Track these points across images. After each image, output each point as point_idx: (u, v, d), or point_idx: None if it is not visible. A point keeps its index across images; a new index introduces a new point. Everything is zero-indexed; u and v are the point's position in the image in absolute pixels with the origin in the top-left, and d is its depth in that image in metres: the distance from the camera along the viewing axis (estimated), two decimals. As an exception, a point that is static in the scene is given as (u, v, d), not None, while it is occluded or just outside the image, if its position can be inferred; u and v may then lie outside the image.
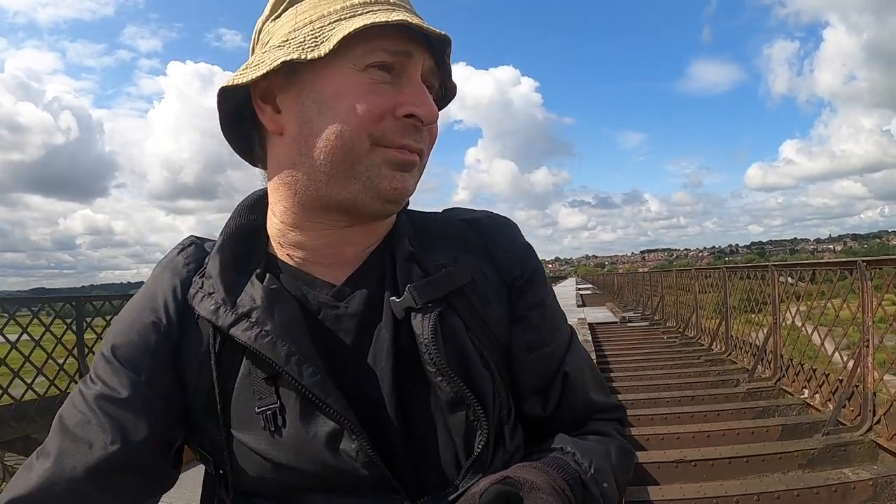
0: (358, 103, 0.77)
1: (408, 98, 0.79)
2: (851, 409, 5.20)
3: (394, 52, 0.79)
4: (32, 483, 0.76)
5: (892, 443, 4.55)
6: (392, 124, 0.79)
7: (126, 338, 0.84)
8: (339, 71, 0.79)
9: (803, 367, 6.46)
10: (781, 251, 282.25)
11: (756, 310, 8.21)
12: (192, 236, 0.95)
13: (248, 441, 0.80)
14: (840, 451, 4.64)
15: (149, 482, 0.83)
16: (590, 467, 0.81)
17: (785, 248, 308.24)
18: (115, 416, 0.79)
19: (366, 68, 0.78)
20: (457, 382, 0.79)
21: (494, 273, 0.92)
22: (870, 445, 4.69)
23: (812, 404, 6.00)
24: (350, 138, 0.78)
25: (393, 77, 0.80)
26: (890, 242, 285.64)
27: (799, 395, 6.28)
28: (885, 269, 5.07)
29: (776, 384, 6.78)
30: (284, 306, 0.82)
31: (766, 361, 7.31)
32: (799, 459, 4.55)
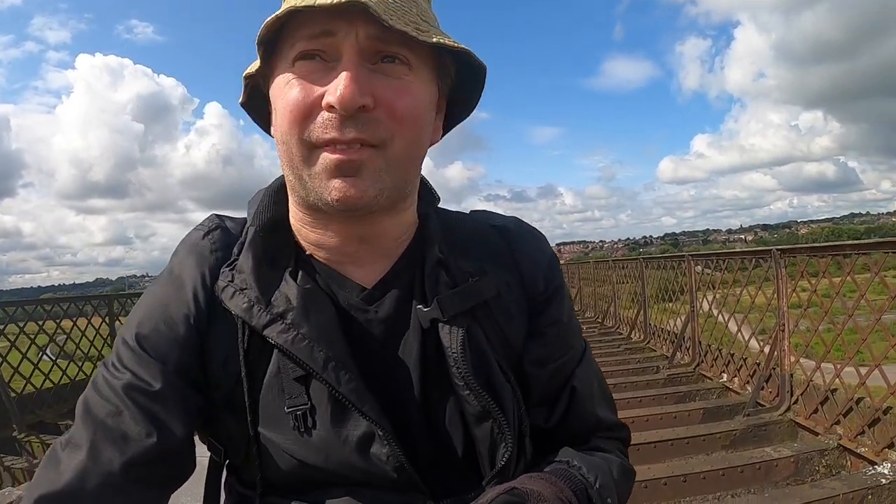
0: (285, 100, 0.75)
1: (331, 85, 0.72)
2: (770, 391, 5.34)
3: (314, 35, 0.73)
4: (66, 477, 0.71)
5: (809, 421, 4.67)
6: (321, 117, 0.73)
7: (153, 327, 0.81)
8: (277, 70, 0.78)
9: (721, 352, 6.63)
10: (695, 242, 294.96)
11: (672, 299, 8.44)
12: (215, 215, 0.92)
13: (274, 438, 0.81)
14: (761, 431, 4.73)
15: (176, 473, 0.80)
16: (595, 481, 0.81)
17: (698, 239, 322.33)
18: (148, 408, 0.76)
19: (293, 62, 0.75)
20: (484, 397, 0.80)
21: (519, 286, 0.91)
22: (789, 424, 4.81)
23: (731, 388, 6.14)
24: (287, 143, 0.76)
25: (328, 63, 0.74)
26: (799, 232, 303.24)
27: (718, 380, 6.43)
28: (799, 257, 5.25)
29: (695, 369, 6.93)
30: (320, 308, 0.81)
31: (685, 348, 7.48)
32: (722, 441, 4.63)
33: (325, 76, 0.73)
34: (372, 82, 0.73)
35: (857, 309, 4.46)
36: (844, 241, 4.74)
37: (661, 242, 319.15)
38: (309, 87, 0.73)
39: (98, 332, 8.13)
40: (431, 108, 0.82)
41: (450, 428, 0.83)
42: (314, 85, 0.73)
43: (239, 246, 0.85)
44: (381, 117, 0.73)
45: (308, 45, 0.73)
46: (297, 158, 0.75)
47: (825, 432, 4.45)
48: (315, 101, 0.73)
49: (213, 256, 0.85)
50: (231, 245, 0.86)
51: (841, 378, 4.52)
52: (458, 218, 0.96)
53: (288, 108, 0.74)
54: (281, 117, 0.76)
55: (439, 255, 0.86)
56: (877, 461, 3.83)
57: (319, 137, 0.73)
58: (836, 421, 4.41)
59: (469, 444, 0.83)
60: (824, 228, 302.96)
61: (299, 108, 0.73)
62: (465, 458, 0.84)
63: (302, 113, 0.73)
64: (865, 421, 4.08)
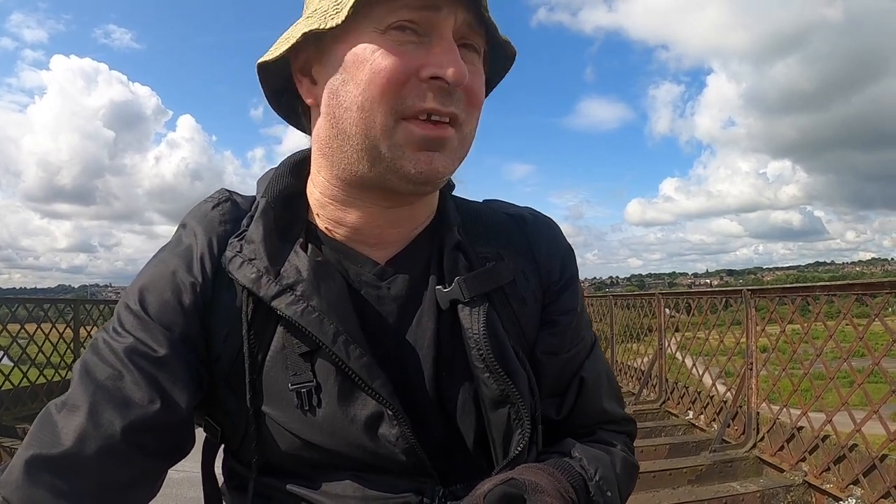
0: (376, 68, 0.72)
1: (434, 58, 0.72)
2: (736, 429, 5.41)
3: (417, 6, 0.72)
4: (64, 439, 0.68)
5: (775, 458, 4.75)
6: (416, 88, 0.72)
7: (158, 294, 0.78)
8: (360, 36, 0.74)
9: (688, 389, 6.70)
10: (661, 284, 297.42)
11: (637, 338, 8.50)
12: (225, 190, 0.90)
13: (276, 417, 0.78)
14: (727, 467, 4.77)
15: (177, 445, 0.77)
16: (595, 474, 0.79)
17: (664, 281, 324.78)
18: (151, 374, 0.73)
19: (386, 29, 0.73)
20: (505, 381, 0.78)
21: (535, 275, 0.91)
22: (754, 461, 4.87)
23: (697, 425, 6.22)
24: (371, 111, 0.73)
25: (420, 37, 0.73)
26: (764, 278, 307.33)
27: (684, 417, 6.50)
28: (768, 298, 5.35)
29: (661, 406, 7.00)
30: (331, 281, 0.79)
31: (651, 385, 7.54)
32: (688, 475, 4.66)
33: (418, 49, 0.72)
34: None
35: (822, 353, 4.57)
36: (815, 283, 4.84)
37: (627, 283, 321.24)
38: (406, 56, 0.72)
39: (62, 336, 7.95)
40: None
41: (461, 412, 0.81)
42: (410, 55, 0.72)
43: (249, 218, 0.83)
44: (464, 98, 0.75)
45: (411, 15, 0.72)
46: (378, 128, 0.73)
47: (791, 469, 4.53)
48: (412, 72, 0.72)
49: (223, 227, 0.83)
50: (240, 218, 0.84)
51: (808, 417, 4.61)
52: (473, 205, 0.96)
53: (382, 74, 0.71)
54: (365, 84, 0.73)
55: (458, 237, 0.86)
56: (841, 497, 3.93)
57: (417, 106, 0.72)
58: (802, 458, 4.49)
59: (480, 430, 0.82)
60: (789, 275, 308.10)
61: (396, 76, 0.71)
62: (475, 445, 0.82)
63: (399, 81, 0.72)
64: (831, 458, 4.16)
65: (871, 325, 4.06)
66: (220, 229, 0.83)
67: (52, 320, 7.87)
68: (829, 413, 4.33)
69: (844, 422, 4.15)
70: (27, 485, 0.66)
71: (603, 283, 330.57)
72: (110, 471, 0.69)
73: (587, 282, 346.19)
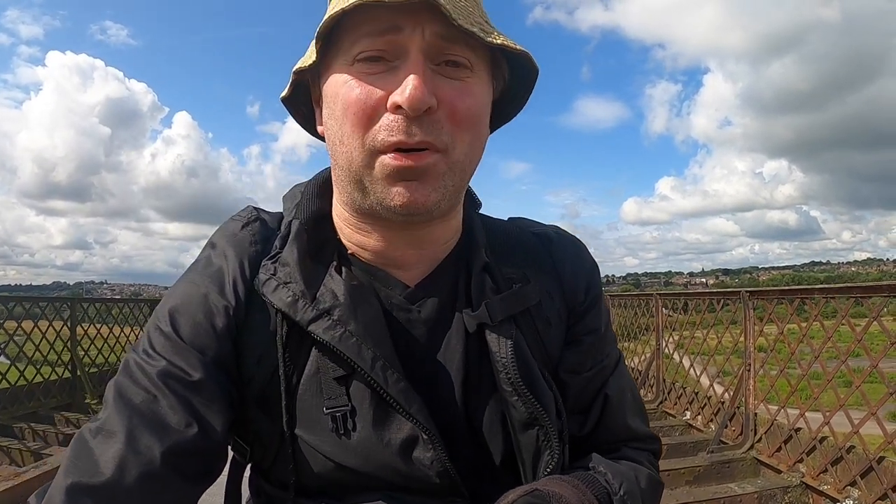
0: (346, 102, 0.72)
1: (398, 85, 0.70)
2: (733, 429, 5.41)
3: (378, 32, 0.71)
4: (104, 468, 0.67)
5: (773, 459, 4.75)
6: (386, 120, 0.71)
7: (190, 317, 0.78)
8: (333, 70, 0.75)
9: (685, 390, 6.71)
10: (656, 283, 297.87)
11: (632, 338, 8.51)
12: (252, 207, 0.91)
13: (309, 440, 0.79)
14: (724, 468, 4.78)
15: (211, 468, 0.77)
16: (620, 488, 0.80)
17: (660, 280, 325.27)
18: (186, 397, 0.73)
19: (353, 61, 0.73)
20: (533, 404, 0.79)
21: (559, 295, 0.91)
22: (752, 462, 4.88)
23: (694, 425, 6.22)
24: (350, 145, 0.73)
25: (389, 63, 0.72)
26: (760, 278, 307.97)
27: (681, 417, 6.51)
28: (766, 299, 5.36)
29: (659, 407, 7.00)
30: (367, 305, 0.79)
31: (649, 385, 7.55)
32: (686, 476, 4.66)
33: (387, 76, 0.71)
34: (436, 83, 0.71)
35: (821, 353, 4.58)
36: (813, 286, 4.85)
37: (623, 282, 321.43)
38: (371, 87, 0.71)
39: (59, 335, 7.88)
40: (488, 109, 0.80)
41: (490, 433, 0.82)
42: (376, 85, 0.71)
43: (281, 240, 0.83)
44: (443, 120, 0.72)
45: (372, 44, 0.71)
46: (357, 163, 0.73)
47: (788, 470, 4.53)
48: (379, 103, 0.71)
49: (253, 248, 0.83)
50: (269, 238, 0.85)
51: (805, 418, 4.63)
52: (499, 224, 0.96)
53: (350, 109, 0.72)
54: (340, 119, 0.73)
55: (486, 259, 0.86)
56: (839, 498, 3.94)
57: (385, 140, 0.71)
58: (799, 459, 4.50)
59: (509, 450, 0.82)
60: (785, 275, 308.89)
61: (363, 110, 0.71)
62: (504, 464, 0.83)
63: (366, 114, 0.71)
64: (828, 459, 4.16)
65: (869, 326, 4.06)
66: (250, 250, 0.83)
67: (50, 318, 7.82)
68: (826, 414, 4.34)
69: (842, 422, 4.16)
70: None
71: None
72: (150, 497, 0.68)
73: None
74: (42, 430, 6.23)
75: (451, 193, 0.77)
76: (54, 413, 6.96)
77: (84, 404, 7.59)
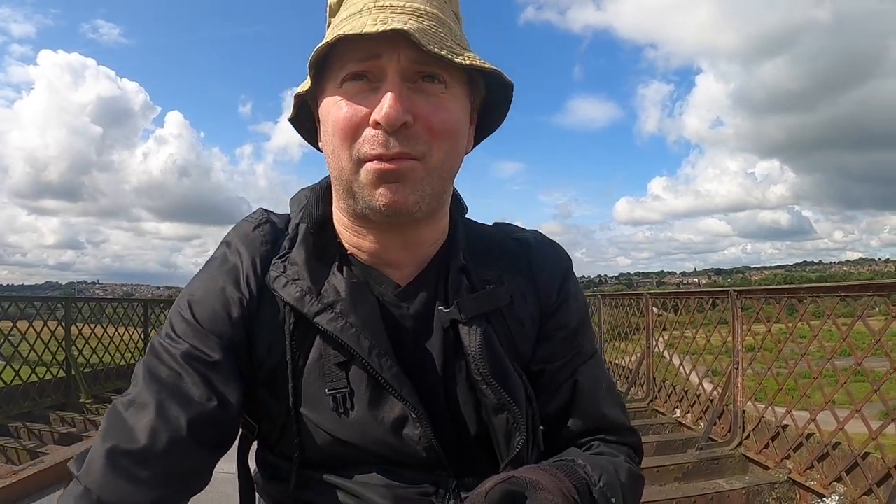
0: (335, 119, 0.82)
1: (377, 103, 0.79)
2: (722, 427, 5.48)
3: (362, 58, 0.81)
4: (139, 435, 0.77)
5: (760, 456, 4.82)
6: (369, 134, 0.80)
7: (208, 305, 0.88)
8: (326, 92, 0.85)
9: (675, 388, 6.78)
10: (649, 283, 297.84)
11: (623, 337, 8.57)
12: (262, 210, 1.01)
13: (313, 418, 0.89)
14: (713, 465, 4.84)
15: (226, 439, 0.86)
16: (599, 480, 0.83)
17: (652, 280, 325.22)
18: (207, 375, 0.83)
19: (342, 83, 0.82)
20: (499, 391, 0.87)
21: (534, 297, 0.99)
22: (740, 459, 4.94)
23: (684, 423, 6.29)
24: (339, 157, 0.83)
25: (372, 83, 0.81)
26: (752, 277, 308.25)
27: (671, 415, 6.57)
28: (755, 298, 5.43)
29: (649, 405, 7.06)
30: (365, 301, 0.89)
31: (639, 384, 7.62)
32: (675, 473, 4.71)
33: (370, 96, 0.80)
34: (412, 100, 0.80)
35: (807, 352, 4.65)
36: (800, 285, 4.91)
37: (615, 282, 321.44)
38: (356, 106, 0.81)
39: (53, 335, 7.91)
40: (465, 121, 0.88)
41: (468, 416, 0.91)
42: (361, 104, 0.80)
43: (289, 241, 0.94)
44: (420, 132, 0.80)
45: (358, 67, 0.80)
46: (346, 172, 0.83)
47: (775, 466, 4.60)
48: (363, 120, 0.80)
49: (264, 248, 0.93)
50: (277, 239, 0.95)
51: (792, 415, 4.70)
52: (482, 228, 1.05)
53: (338, 126, 0.81)
54: (331, 134, 0.83)
55: (463, 261, 0.94)
56: (825, 494, 4.00)
57: (368, 153, 0.80)
58: (786, 455, 4.56)
59: (484, 431, 0.91)
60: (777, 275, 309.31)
61: (349, 126, 0.81)
62: (482, 444, 0.91)
63: (352, 130, 0.81)
64: (815, 455, 4.24)
65: (854, 325, 4.13)
66: (262, 249, 0.93)
67: (44, 318, 7.83)
68: (813, 412, 4.41)
69: (828, 420, 4.22)
70: (110, 474, 0.75)
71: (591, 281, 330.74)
72: (177, 461, 0.78)
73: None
74: (37, 429, 6.26)
75: (431, 197, 0.85)
76: (49, 412, 6.98)
77: (79, 404, 7.62)
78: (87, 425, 6.59)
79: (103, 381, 8.61)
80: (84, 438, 5.80)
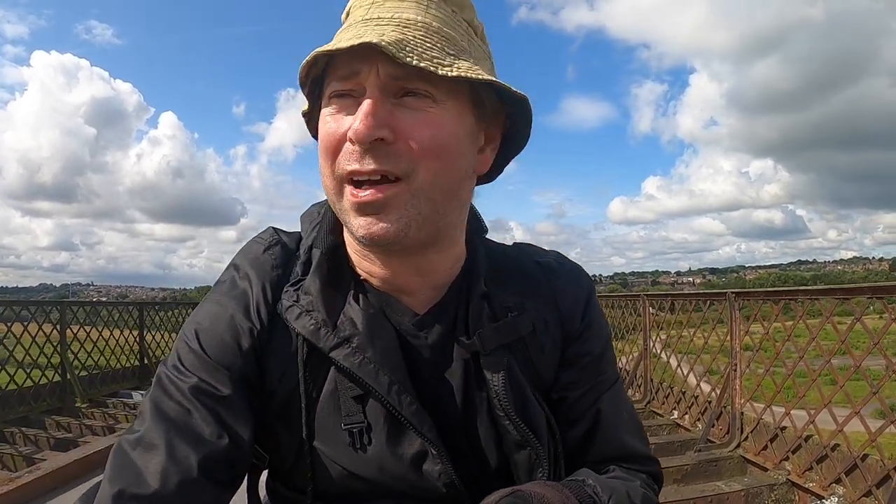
0: (321, 136, 0.80)
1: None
2: (720, 428, 5.49)
3: (343, 76, 0.78)
4: (149, 479, 0.73)
5: (759, 457, 4.84)
6: (346, 151, 0.77)
7: (217, 336, 0.84)
8: (321, 109, 0.82)
9: (673, 390, 6.79)
10: (643, 282, 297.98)
11: (620, 337, 8.57)
12: (273, 229, 0.96)
13: (327, 452, 0.85)
14: (712, 466, 4.85)
15: (238, 475, 0.84)
16: (608, 500, 0.81)
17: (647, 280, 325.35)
18: (216, 411, 0.80)
19: (328, 101, 0.80)
20: (523, 429, 0.85)
21: (556, 323, 0.94)
22: (738, 460, 4.95)
23: (682, 424, 6.30)
24: (326, 176, 0.80)
25: (356, 100, 0.77)
26: (746, 277, 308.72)
27: (669, 417, 6.58)
28: (752, 300, 5.44)
29: (646, 406, 7.06)
30: (383, 333, 0.85)
31: (637, 385, 7.61)
32: (674, 474, 4.71)
33: (353, 111, 0.76)
34: (394, 115, 0.75)
35: (806, 353, 4.65)
36: (798, 287, 4.93)
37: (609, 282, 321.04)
38: (339, 121, 0.78)
39: (49, 339, 7.85)
40: (464, 138, 0.81)
41: (488, 451, 0.88)
42: (343, 120, 0.77)
43: (302, 266, 0.89)
44: (403, 149, 0.75)
45: (340, 86, 0.77)
46: (331, 192, 0.81)
47: (774, 468, 4.60)
48: (343, 136, 0.76)
49: (275, 273, 0.89)
50: (288, 262, 0.91)
51: (791, 416, 4.70)
52: (502, 251, 1.00)
53: (323, 142, 0.79)
54: (321, 152, 0.80)
55: (484, 288, 0.90)
56: (824, 495, 4.01)
57: (343, 169, 0.77)
58: (785, 457, 4.58)
59: (505, 465, 0.88)
60: (771, 274, 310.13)
61: (330, 142, 0.78)
62: (503, 478, 0.88)
63: (333, 146, 0.78)
64: (814, 457, 4.25)
65: (853, 326, 4.13)
66: (272, 274, 0.89)
67: (39, 322, 7.79)
68: (811, 412, 4.42)
69: (827, 420, 4.23)
70: None
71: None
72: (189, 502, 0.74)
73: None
74: (33, 434, 6.22)
75: (420, 222, 0.79)
76: (45, 417, 6.94)
77: (75, 408, 7.55)
78: (83, 430, 6.57)
79: (99, 384, 8.57)
80: (80, 444, 5.74)
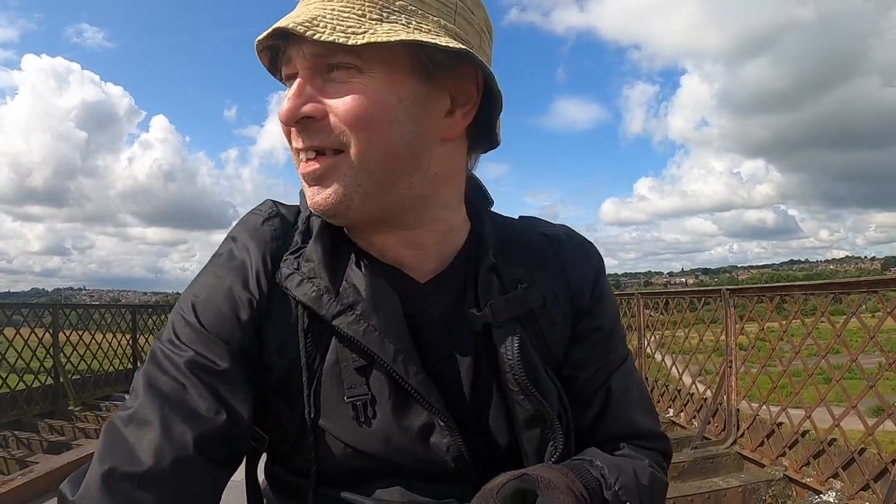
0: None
1: None
2: (716, 425, 5.50)
3: (286, 61, 0.79)
4: (142, 456, 0.69)
5: (755, 454, 4.85)
6: (291, 132, 0.79)
7: (214, 308, 0.81)
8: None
9: (668, 388, 6.80)
10: (636, 283, 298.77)
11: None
12: (271, 201, 0.93)
13: (330, 428, 0.81)
14: (708, 463, 4.86)
15: (237, 453, 0.79)
16: (615, 483, 0.80)
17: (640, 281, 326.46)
18: (214, 386, 0.76)
19: (285, 83, 0.81)
20: (538, 401, 0.82)
21: (566, 296, 0.92)
22: (735, 457, 4.96)
23: (678, 422, 6.32)
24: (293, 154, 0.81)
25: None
26: (739, 277, 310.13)
27: (664, 415, 6.57)
28: (747, 297, 5.45)
29: (642, 405, 7.07)
30: (387, 300, 0.82)
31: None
32: (671, 472, 4.67)
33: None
34: (324, 91, 0.75)
35: (801, 350, 4.67)
36: (793, 283, 4.94)
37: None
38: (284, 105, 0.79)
39: (41, 342, 7.83)
40: (397, 105, 0.76)
41: (497, 426, 0.85)
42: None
43: (301, 235, 0.87)
44: (333, 124, 0.75)
45: (286, 70, 0.79)
46: (296, 166, 0.82)
47: (771, 464, 4.61)
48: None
49: (275, 244, 0.86)
50: (288, 233, 0.88)
51: (787, 413, 4.71)
52: (509, 223, 0.97)
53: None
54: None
55: (493, 259, 0.87)
56: (822, 490, 4.03)
57: (292, 146, 0.80)
58: (782, 453, 4.58)
59: (513, 442, 0.85)
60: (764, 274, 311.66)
61: (283, 126, 0.79)
62: (510, 455, 0.85)
63: (285, 129, 0.80)
64: (810, 452, 4.26)
65: (847, 323, 4.14)
66: (272, 245, 0.86)
67: (31, 325, 7.73)
68: (807, 409, 4.43)
69: (823, 417, 4.24)
70: (108, 499, 0.67)
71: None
72: (184, 482, 0.71)
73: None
74: (26, 437, 6.18)
75: (363, 195, 0.77)
76: (38, 420, 6.89)
77: (67, 411, 7.53)
78: (76, 433, 6.52)
79: (91, 388, 8.54)
80: (73, 447, 5.74)
